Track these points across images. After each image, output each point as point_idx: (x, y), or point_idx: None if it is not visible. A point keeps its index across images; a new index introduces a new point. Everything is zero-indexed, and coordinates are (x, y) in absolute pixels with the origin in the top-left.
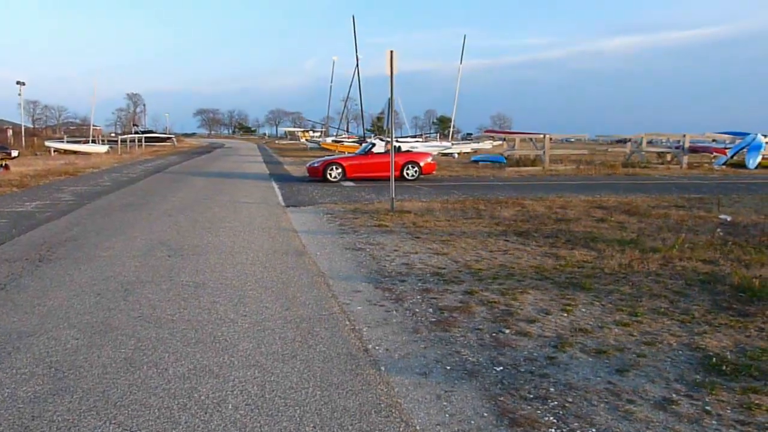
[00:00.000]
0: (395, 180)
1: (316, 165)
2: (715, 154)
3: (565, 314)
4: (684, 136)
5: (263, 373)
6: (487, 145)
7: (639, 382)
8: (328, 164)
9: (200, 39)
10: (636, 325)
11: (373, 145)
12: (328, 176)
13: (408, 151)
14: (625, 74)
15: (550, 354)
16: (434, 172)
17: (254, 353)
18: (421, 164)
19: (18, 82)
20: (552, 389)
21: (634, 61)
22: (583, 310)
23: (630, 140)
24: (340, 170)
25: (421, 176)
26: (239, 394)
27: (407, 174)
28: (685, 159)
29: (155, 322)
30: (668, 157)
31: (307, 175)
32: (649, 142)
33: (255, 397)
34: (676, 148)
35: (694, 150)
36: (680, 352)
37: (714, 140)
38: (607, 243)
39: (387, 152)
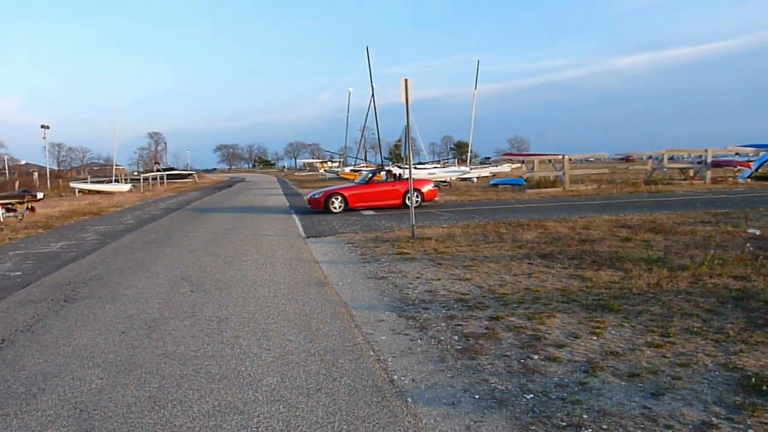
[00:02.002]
0: (402, 207)
1: (317, 196)
2: (739, 167)
3: (595, 337)
4: (706, 150)
5: (288, 408)
6: (505, 168)
7: (676, 406)
8: (330, 195)
9: (218, 76)
10: (669, 346)
11: (374, 173)
12: (330, 207)
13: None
14: (640, 91)
15: (582, 379)
16: (436, 199)
17: (278, 388)
18: (423, 191)
19: (42, 126)
20: (585, 416)
21: (648, 78)
22: (613, 332)
23: (649, 157)
24: (341, 200)
25: (423, 203)
26: (264, 430)
27: (409, 201)
28: (709, 174)
29: (179, 359)
30: (691, 173)
31: (309, 207)
32: (671, 158)
33: None
34: (699, 163)
35: (717, 164)
36: (717, 372)
37: (737, 153)
38: (633, 262)
39: (388, 180)
